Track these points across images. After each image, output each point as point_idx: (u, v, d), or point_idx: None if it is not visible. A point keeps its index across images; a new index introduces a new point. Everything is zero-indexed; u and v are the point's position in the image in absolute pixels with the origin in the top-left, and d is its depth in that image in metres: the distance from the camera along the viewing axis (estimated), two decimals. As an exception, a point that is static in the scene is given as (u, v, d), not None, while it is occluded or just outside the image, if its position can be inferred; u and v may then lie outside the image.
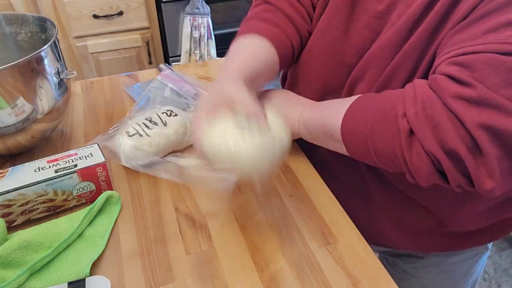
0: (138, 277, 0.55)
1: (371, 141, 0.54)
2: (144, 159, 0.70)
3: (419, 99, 0.49)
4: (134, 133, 0.70)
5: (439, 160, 0.48)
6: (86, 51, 1.95)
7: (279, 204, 0.66)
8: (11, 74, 0.63)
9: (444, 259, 0.78)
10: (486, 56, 0.47)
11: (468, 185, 0.50)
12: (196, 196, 0.67)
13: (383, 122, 0.52)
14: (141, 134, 0.70)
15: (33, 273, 0.55)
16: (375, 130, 0.53)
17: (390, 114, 0.52)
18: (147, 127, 0.71)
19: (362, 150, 0.56)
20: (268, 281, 0.54)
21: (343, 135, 0.57)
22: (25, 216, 0.62)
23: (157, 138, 0.70)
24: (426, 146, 0.48)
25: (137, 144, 0.69)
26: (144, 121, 0.72)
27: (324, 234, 0.61)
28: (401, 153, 0.51)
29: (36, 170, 0.62)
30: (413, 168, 0.51)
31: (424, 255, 0.79)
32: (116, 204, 0.65)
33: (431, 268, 0.80)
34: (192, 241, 0.60)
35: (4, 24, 0.80)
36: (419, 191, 0.65)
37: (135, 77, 0.99)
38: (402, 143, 0.50)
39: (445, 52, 0.51)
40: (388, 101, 0.53)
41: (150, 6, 1.93)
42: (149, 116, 0.73)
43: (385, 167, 0.56)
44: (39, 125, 0.71)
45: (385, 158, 0.54)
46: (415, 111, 0.49)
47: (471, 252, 0.78)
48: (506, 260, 1.72)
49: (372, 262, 0.57)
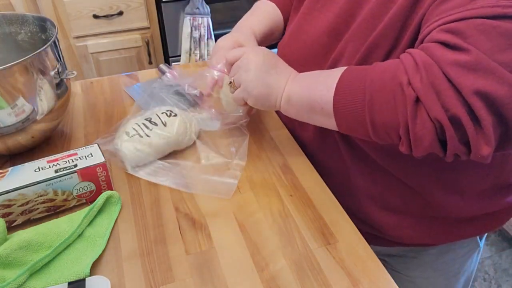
0: (138, 277, 0.55)
1: (369, 112, 0.53)
2: (144, 160, 0.70)
3: (421, 67, 0.49)
4: (133, 134, 0.70)
5: (443, 127, 0.48)
6: (86, 51, 1.95)
7: (279, 204, 0.66)
8: (11, 74, 0.63)
9: (436, 258, 0.78)
10: (477, 22, 0.47)
11: (464, 152, 0.50)
12: (196, 196, 0.67)
13: (384, 92, 0.52)
14: (141, 135, 0.70)
15: (33, 273, 0.55)
16: (374, 100, 0.52)
17: (392, 83, 0.51)
18: (146, 128, 0.71)
19: (355, 122, 0.55)
20: (268, 281, 0.54)
21: (335, 107, 0.57)
22: (25, 216, 0.62)
23: (157, 138, 0.70)
24: (432, 113, 0.48)
25: (137, 145, 0.69)
26: (144, 121, 0.72)
27: (324, 234, 0.61)
28: (405, 122, 0.50)
29: (36, 170, 0.62)
30: (415, 137, 0.50)
31: (417, 255, 0.79)
32: (116, 204, 0.65)
33: (424, 267, 0.80)
34: (192, 241, 0.60)
35: (4, 24, 0.80)
36: (403, 169, 0.66)
37: (135, 77, 0.99)
38: (408, 112, 0.49)
39: (433, 21, 0.51)
40: (386, 71, 0.53)
41: (150, 6, 1.93)
42: (149, 116, 0.73)
43: (377, 139, 0.55)
44: (39, 125, 0.71)
45: (382, 129, 0.53)
46: (421, 78, 0.48)
47: (462, 249, 0.78)
48: (506, 260, 1.72)
49: (372, 262, 0.57)
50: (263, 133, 0.81)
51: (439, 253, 0.78)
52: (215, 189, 0.67)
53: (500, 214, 0.73)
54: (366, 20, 0.61)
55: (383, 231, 0.74)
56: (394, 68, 0.52)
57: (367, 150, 0.67)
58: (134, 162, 0.70)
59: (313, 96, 0.59)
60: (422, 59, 0.49)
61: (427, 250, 0.78)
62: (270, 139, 0.79)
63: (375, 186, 0.70)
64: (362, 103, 0.53)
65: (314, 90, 0.60)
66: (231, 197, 0.66)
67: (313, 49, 0.70)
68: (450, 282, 0.82)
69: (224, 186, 0.68)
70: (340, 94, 0.56)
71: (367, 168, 0.69)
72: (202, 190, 0.67)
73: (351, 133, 0.59)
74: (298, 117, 0.65)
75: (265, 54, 0.66)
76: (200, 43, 1.96)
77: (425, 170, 0.65)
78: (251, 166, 0.73)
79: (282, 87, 0.63)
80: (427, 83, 0.48)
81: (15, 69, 0.63)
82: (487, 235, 1.76)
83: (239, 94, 0.66)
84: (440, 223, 0.71)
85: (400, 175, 0.67)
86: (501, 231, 1.80)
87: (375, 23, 0.59)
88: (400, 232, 0.73)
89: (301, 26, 0.74)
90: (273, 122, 0.84)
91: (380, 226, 0.74)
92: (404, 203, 0.70)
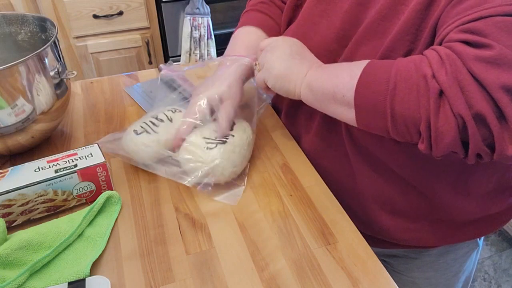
0: (138, 277, 0.55)
1: (390, 102, 0.51)
2: (153, 155, 0.70)
3: (445, 61, 0.48)
4: (141, 131, 0.70)
5: (466, 123, 0.47)
6: (86, 51, 1.95)
7: (279, 204, 0.66)
8: (11, 74, 0.63)
9: (437, 258, 0.78)
10: (496, 19, 0.46)
11: (487, 153, 0.49)
12: (196, 196, 0.67)
13: (408, 82, 0.50)
14: (148, 131, 0.70)
15: (33, 273, 0.55)
16: (397, 90, 0.51)
17: (416, 74, 0.50)
18: (154, 125, 0.71)
19: (375, 113, 0.53)
20: (268, 281, 0.54)
21: (356, 96, 0.55)
22: (25, 216, 0.62)
23: (165, 134, 0.70)
24: (455, 108, 0.47)
25: (146, 141, 0.69)
26: (151, 119, 0.72)
27: (324, 234, 0.61)
28: (427, 116, 0.49)
29: (36, 170, 0.62)
30: (436, 133, 0.49)
31: (418, 256, 0.79)
32: (116, 204, 0.65)
33: (425, 268, 0.80)
34: (192, 241, 0.60)
35: (4, 24, 0.80)
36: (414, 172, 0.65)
37: (135, 77, 0.99)
38: (431, 105, 0.48)
39: (450, 23, 0.51)
40: (411, 62, 0.51)
41: (150, 6, 1.93)
42: (155, 114, 0.73)
43: (395, 133, 0.53)
44: (39, 125, 0.71)
45: (402, 121, 0.51)
46: (446, 72, 0.48)
47: (462, 249, 0.78)
48: (506, 260, 1.72)
49: (372, 262, 0.57)
50: (263, 133, 0.81)
51: (440, 253, 0.78)
52: (222, 195, 0.68)
53: (501, 216, 0.73)
54: (376, 23, 0.60)
55: (388, 234, 0.74)
56: (419, 60, 0.51)
57: (377, 154, 0.66)
58: (144, 159, 0.70)
59: (336, 83, 0.58)
60: (446, 53, 0.49)
61: (428, 251, 0.78)
62: (270, 139, 0.79)
63: (382, 189, 0.69)
64: (384, 92, 0.52)
65: (337, 77, 0.58)
66: (236, 203, 0.66)
67: (320, 55, 0.68)
68: (450, 282, 0.82)
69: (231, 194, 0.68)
70: (363, 82, 0.54)
71: (374, 172, 0.68)
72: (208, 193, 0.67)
73: (368, 127, 0.57)
74: (317, 105, 0.63)
75: (294, 42, 0.66)
76: (200, 43, 1.96)
77: (436, 172, 0.64)
78: (251, 166, 0.73)
79: (303, 73, 0.63)
80: (452, 77, 0.47)
81: (15, 69, 0.63)
82: (487, 235, 1.76)
83: (261, 75, 0.67)
84: (444, 225, 0.71)
85: (410, 178, 0.66)
86: (501, 231, 1.80)
87: (387, 25, 0.59)
88: (404, 235, 0.73)
89: (305, 34, 0.72)
90: (273, 122, 0.84)
91: (386, 229, 0.73)
92: (411, 206, 0.69)
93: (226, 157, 0.66)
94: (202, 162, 0.65)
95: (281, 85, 0.65)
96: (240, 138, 0.69)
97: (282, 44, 0.66)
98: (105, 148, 0.69)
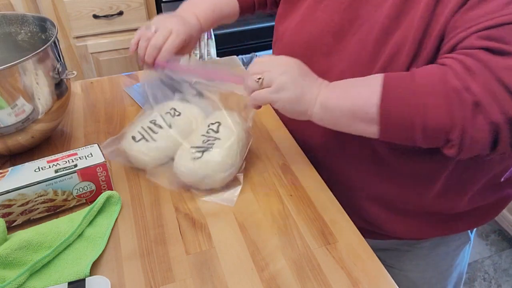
0: (138, 277, 0.55)
1: (422, 116, 0.51)
2: (153, 163, 0.70)
3: (474, 71, 0.49)
4: (140, 138, 0.69)
5: (500, 129, 0.49)
6: (86, 51, 1.95)
7: (279, 204, 0.66)
8: (11, 74, 0.63)
9: (429, 251, 0.79)
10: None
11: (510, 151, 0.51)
12: (196, 196, 0.67)
13: (436, 96, 0.50)
14: (147, 139, 0.69)
15: (33, 273, 0.55)
16: (428, 104, 0.51)
17: (444, 88, 0.50)
18: (152, 131, 0.70)
19: (403, 127, 0.53)
20: (268, 281, 0.54)
21: (382, 112, 0.54)
22: (25, 216, 0.62)
23: (164, 142, 0.69)
24: (492, 116, 0.48)
25: (145, 149, 0.68)
26: (149, 124, 0.71)
27: (324, 234, 0.61)
28: (461, 126, 0.50)
29: (36, 170, 0.62)
30: (471, 141, 0.50)
31: (410, 248, 0.80)
32: (116, 204, 0.64)
33: (417, 261, 0.81)
34: (192, 241, 0.60)
35: (4, 24, 0.80)
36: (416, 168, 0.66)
37: (135, 77, 0.99)
38: (466, 116, 0.49)
39: (465, 28, 0.51)
40: (433, 75, 0.52)
41: (150, 6, 1.93)
42: (153, 118, 0.72)
43: (423, 143, 0.54)
44: (39, 125, 0.71)
45: (433, 133, 0.52)
46: (478, 83, 0.49)
47: (454, 242, 0.80)
48: (506, 260, 1.72)
49: (372, 262, 0.57)
50: (263, 133, 0.81)
51: (431, 246, 0.79)
52: (219, 197, 0.67)
53: (490, 209, 0.75)
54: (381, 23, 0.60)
55: (377, 226, 0.75)
56: (441, 72, 0.51)
57: (380, 151, 0.66)
58: (143, 166, 0.70)
59: (355, 101, 0.57)
60: (472, 64, 0.49)
61: (420, 243, 0.79)
62: (270, 139, 0.79)
63: (377, 185, 0.71)
64: (414, 108, 0.52)
65: (355, 95, 0.57)
66: (234, 204, 0.66)
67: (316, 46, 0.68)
68: (443, 277, 0.82)
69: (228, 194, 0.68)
70: (388, 98, 0.54)
71: (374, 168, 0.69)
72: (207, 197, 0.67)
73: (391, 138, 0.57)
74: (332, 123, 0.61)
75: (298, 62, 0.63)
76: (200, 43, 1.96)
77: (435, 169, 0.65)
78: (251, 166, 0.73)
79: (315, 93, 0.60)
80: (485, 88, 0.48)
81: (15, 69, 0.63)
82: (487, 235, 1.76)
83: (268, 94, 0.61)
84: (434, 218, 0.73)
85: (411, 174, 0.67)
86: (501, 231, 1.80)
87: (392, 26, 0.58)
88: (393, 227, 0.74)
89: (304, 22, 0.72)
90: (273, 122, 0.84)
91: (374, 220, 0.75)
92: (403, 201, 0.70)
93: (212, 167, 0.64)
94: (194, 173, 0.65)
95: (292, 108, 0.61)
96: (228, 139, 0.67)
97: (289, 60, 0.63)
98: (105, 152, 0.68)
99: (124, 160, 0.71)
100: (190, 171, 0.65)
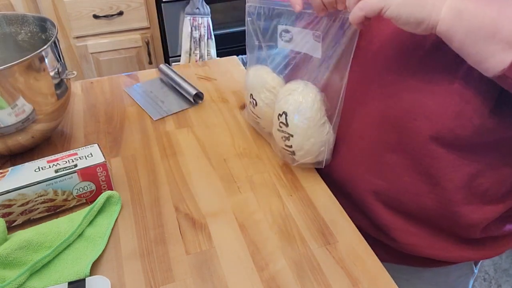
0: (138, 277, 0.55)
1: None
2: None
3: None
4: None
5: None
6: (86, 51, 1.95)
7: (279, 204, 0.66)
8: (11, 74, 0.63)
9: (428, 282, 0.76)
10: None
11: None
12: (196, 196, 0.67)
13: None
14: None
15: (33, 273, 0.55)
16: None
17: None
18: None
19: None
20: (268, 281, 0.54)
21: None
22: (25, 216, 0.62)
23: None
24: None
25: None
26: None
27: (324, 234, 0.61)
28: None
29: (36, 170, 0.62)
30: None
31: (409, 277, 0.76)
32: (116, 204, 0.65)
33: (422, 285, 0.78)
34: (192, 241, 0.60)
35: (4, 24, 0.80)
36: (448, 173, 0.60)
37: (135, 77, 0.99)
38: None
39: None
40: None
41: (150, 6, 1.93)
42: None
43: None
44: (39, 125, 0.71)
45: None
46: None
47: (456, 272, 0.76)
48: (506, 260, 1.72)
49: (372, 262, 0.57)
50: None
51: (432, 275, 0.75)
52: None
53: (501, 241, 0.70)
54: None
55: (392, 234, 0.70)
56: None
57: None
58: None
59: (502, 17, 0.46)
60: None
61: (418, 273, 0.75)
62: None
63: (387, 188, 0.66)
64: None
65: (502, 12, 0.46)
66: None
67: None
68: None
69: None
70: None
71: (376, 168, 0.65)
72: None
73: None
74: (461, 39, 0.48)
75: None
76: (200, 43, 1.96)
77: (466, 180, 0.61)
78: (251, 166, 0.73)
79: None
80: None
81: (15, 69, 0.63)
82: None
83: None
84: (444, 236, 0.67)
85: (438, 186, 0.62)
86: (501, 231, 1.81)
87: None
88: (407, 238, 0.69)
89: None
90: (273, 122, 0.84)
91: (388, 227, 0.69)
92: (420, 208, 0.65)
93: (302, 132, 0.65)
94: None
95: (409, 13, 0.48)
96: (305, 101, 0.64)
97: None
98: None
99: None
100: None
